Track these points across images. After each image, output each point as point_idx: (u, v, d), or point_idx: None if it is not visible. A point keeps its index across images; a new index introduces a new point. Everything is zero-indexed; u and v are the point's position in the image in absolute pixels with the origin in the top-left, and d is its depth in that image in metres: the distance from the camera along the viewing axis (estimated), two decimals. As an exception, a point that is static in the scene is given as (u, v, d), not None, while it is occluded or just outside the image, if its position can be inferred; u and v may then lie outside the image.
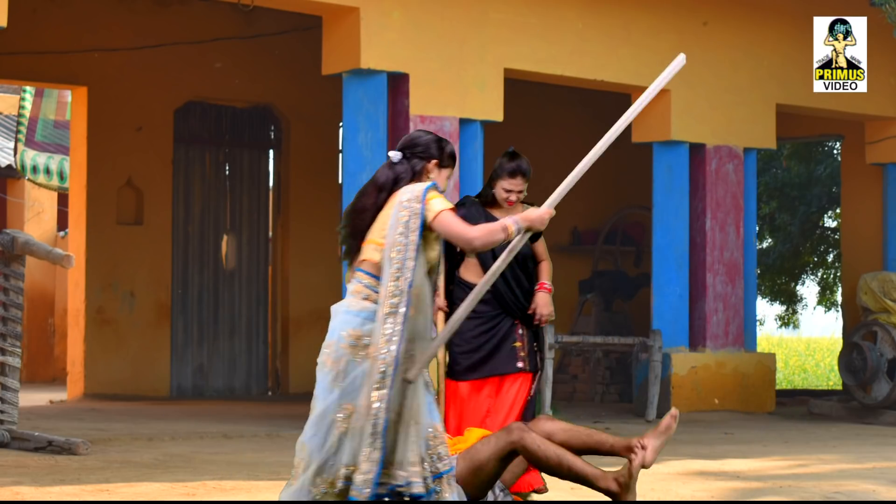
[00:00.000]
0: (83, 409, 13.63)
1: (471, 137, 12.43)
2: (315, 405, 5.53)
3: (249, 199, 16.41)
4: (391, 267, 5.43)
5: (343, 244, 5.68)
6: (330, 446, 5.44)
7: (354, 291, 5.57)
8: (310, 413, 5.57)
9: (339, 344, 5.50)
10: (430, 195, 5.51)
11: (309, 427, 5.51)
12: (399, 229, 5.44)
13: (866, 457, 10.19)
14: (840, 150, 18.95)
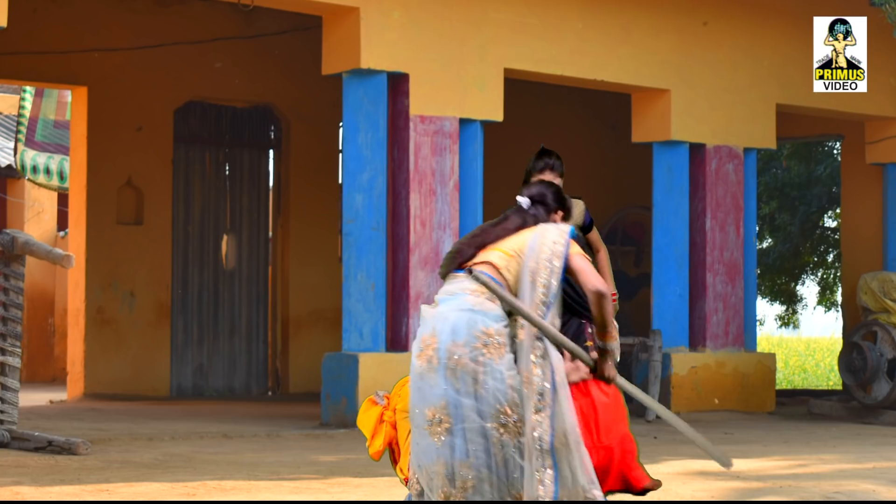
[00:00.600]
0: (83, 409, 13.63)
1: (471, 137, 12.43)
2: (430, 410, 5.19)
3: (249, 199, 16.41)
4: (536, 289, 5.30)
5: (452, 260, 5.49)
6: (497, 460, 5.14)
7: (474, 291, 5.30)
8: (412, 416, 5.27)
9: (474, 344, 5.17)
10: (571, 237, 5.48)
11: (441, 436, 5.18)
12: (545, 254, 5.36)
13: (866, 457, 10.19)
14: (840, 150, 18.95)
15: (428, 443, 5.15)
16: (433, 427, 5.16)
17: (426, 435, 5.15)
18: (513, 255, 5.38)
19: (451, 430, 5.13)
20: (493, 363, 5.18)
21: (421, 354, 5.23)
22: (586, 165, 18.01)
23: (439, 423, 5.16)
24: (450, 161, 12.19)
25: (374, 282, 11.74)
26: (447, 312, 5.26)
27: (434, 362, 5.20)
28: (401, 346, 11.99)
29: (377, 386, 11.40)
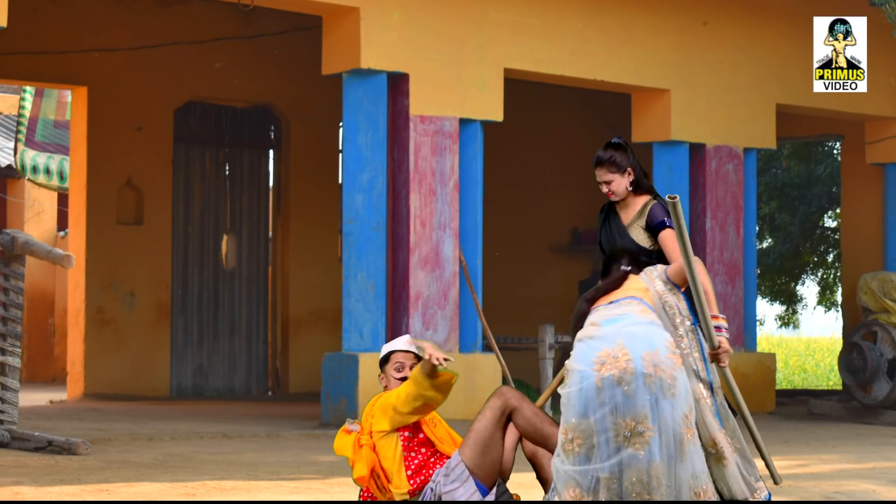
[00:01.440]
0: (83, 409, 13.63)
1: (471, 137, 12.43)
2: (629, 420, 5.33)
3: (249, 199, 16.41)
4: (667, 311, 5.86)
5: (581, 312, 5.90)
6: (685, 460, 5.44)
7: (642, 310, 5.69)
8: (578, 429, 5.38)
9: (666, 353, 5.44)
10: None
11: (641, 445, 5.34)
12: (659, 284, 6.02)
13: (866, 457, 10.19)
14: (840, 150, 18.95)
15: (628, 454, 5.26)
16: (633, 438, 5.28)
17: (621, 447, 5.26)
18: (644, 290, 5.79)
19: (651, 437, 5.28)
20: (681, 370, 5.48)
21: (603, 368, 5.34)
22: (586, 165, 17.92)
23: (640, 433, 5.30)
24: (450, 161, 12.19)
25: (374, 282, 11.74)
26: (629, 328, 5.49)
27: (629, 373, 5.33)
28: (401, 346, 11.98)
29: (377, 386, 11.39)
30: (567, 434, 5.37)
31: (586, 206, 17.92)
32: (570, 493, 5.35)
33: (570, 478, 5.35)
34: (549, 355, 12.83)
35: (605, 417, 5.30)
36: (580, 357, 5.45)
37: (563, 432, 5.38)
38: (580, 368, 5.39)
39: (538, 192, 17.71)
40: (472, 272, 12.37)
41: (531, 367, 13.46)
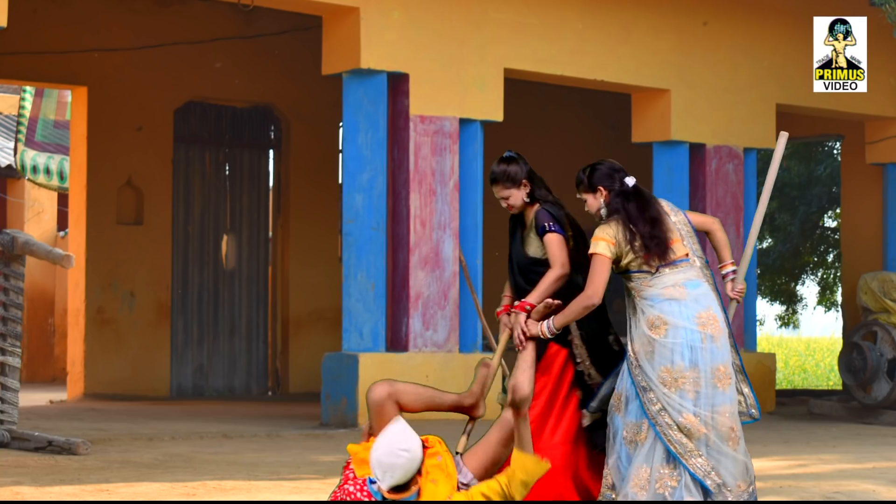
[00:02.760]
0: (83, 409, 13.63)
1: (471, 137, 12.43)
2: (722, 366, 6.13)
3: (249, 199, 16.41)
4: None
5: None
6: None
7: (705, 276, 6.39)
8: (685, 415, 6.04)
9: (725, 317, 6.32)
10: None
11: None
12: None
13: (866, 457, 10.19)
14: (840, 150, 18.95)
15: (720, 394, 6.09)
16: (723, 380, 6.08)
17: (715, 387, 6.06)
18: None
19: (731, 383, 6.14)
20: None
21: (706, 327, 6.08)
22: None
23: (728, 376, 6.13)
24: (450, 161, 12.19)
25: (374, 282, 11.74)
26: (710, 293, 6.24)
27: (721, 331, 6.11)
28: (401, 346, 11.99)
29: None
30: (672, 374, 6.02)
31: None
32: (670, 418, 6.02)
33: (691, 412, 6.01)
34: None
35: (709, 368, 6.04)
36: (680, 315, 6.09)
37: (668, 372, 6.01)
38: (684, 325, 6.06)
39: (538, 191, 17.68)
40: (472, 272, 12.37)
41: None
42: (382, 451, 5.37)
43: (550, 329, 6.22)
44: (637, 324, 6.20)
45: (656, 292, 6.15)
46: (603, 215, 6.32)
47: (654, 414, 5.96)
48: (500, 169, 6.45)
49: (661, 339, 6.04)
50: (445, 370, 11.95)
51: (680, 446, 5.94)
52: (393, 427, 5.46)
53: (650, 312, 6.14)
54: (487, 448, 5.88)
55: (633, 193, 6.29)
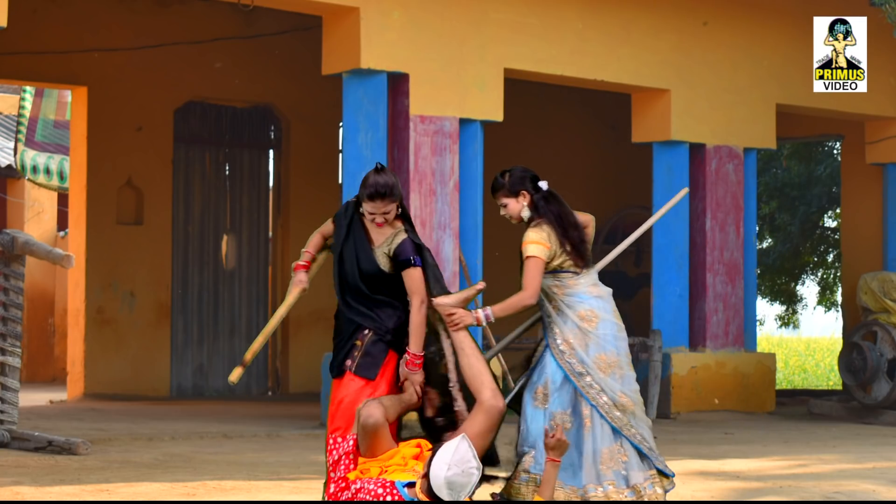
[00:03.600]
0: (83, 409, 13.63)
1: (471, 137, 12.43)
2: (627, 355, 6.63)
3: (249, 199, 16.41)
4: None
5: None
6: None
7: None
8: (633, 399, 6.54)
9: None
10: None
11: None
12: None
13: (866, 457, 10.19)
14: (840, 150, 18.95)
15: (632, 373, 6.60)
16: (631, 362, 6.60)
17: (630, 368, 6.58)
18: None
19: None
20: None
21: (618, 318, 6.62)
22: (586, 165, 18.02)
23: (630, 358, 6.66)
24: (450, 161, 12.19)
25: (374, 282, 11.72)
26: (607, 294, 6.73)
27: (621, 325, 6.64)
28: (401, 346, 11.97)
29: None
30: (606, 361, 6.48)
31: (586, 206, 17.84)
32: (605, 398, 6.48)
33: (623, 391, 6.49)
34: (549, 355, 12.81)
35: (624, 353, 6.58)
36: (605, 309, 6.56)
37: (602, 359, 6.47)
38: (610, 319, 6.54)
39: (538, 191, 17.68)
40: (472, 272, 12.37)
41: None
42: (455, 472, 5.55)
43: (488, 317, 6.42)
44: (564, 318, 6.53)
45: (584, 290, 6.56)
46: (525, 217, 6.62)
47: (594, 396, 6.43)
48: (389, 185, 6.28)
49: (594, 330, 6.49)
50: (445, 370, 11.94)
51: (619, 422, 6.42)
52: (458, 446, 5.62)
53: (580, 308, 6.53)
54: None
55: (552, 197, 6.64)
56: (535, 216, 6.58)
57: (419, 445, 6.04)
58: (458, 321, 6.30)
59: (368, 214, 6.31)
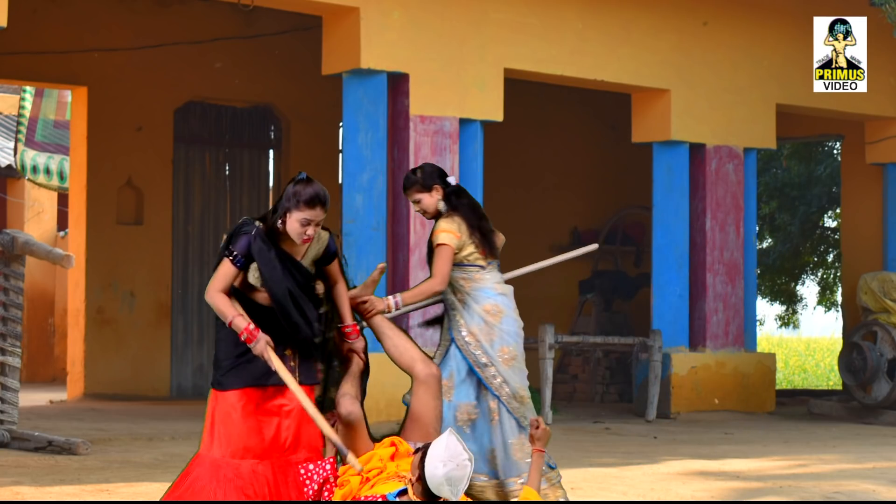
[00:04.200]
0: (83, 409, 13.63)
1: (471, 137, 12.43)
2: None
3: (249, 199, 16.41)
4: None
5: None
6: None
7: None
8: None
9: None
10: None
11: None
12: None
13: (866, 457, 10.19)
14: (840, 150, 18.95)
15: (525, 369, 6.80)
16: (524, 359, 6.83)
17: (525, 363, 6.81)
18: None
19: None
20: None
21: (518, 316, 6.79)
22: (586, 165, 18.01)
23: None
24: (450, 161, 12.19)
25: (374, 282, 11.72)
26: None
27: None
28: (401, 346, 11.97)
29: (377, 385, 11.36)
30: (509, 354, 6.68)
31: (586, 206, 17.94)
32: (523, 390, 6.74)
33: (521, 385, 6.72)
34: (549, 355, 12.83)
35: (521, 349, 6.80)
36: (508, 306, 6.74)
37: (506, 352, 6.67)
38: (513, 315, 6.73)
39: (538, 192, 17.71)
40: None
41: (531, 367, 13.40)
42: (451, 468, 5.56)
43: (398, 304, 6.60)
44: (470, 311, 6.65)
45: (489, 285, 6.70)
46: (441, 210, 6.69)
47: (497, 387, 6.62)
48: (325, 195, 6.12)
49: (499, 324, 6.66)
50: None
51: (519, 412, 6.61)
52: (447, 441, 5.62)
53: (486, 302, 6.67)
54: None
55: (461, 191, 6.76)
56: (448, 209, 6.69)
57: (393, 444, 6.07)
58: (371, 308, 6.45)
59: (301, 225, 5.95)
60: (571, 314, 17.20)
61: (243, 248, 5.91)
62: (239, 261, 5.91)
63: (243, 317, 5.87)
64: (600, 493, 7.77)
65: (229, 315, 5.85)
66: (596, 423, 13.02)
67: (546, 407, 12.65)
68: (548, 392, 12.73)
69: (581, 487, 7.89)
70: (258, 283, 5.98)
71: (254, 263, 5.95)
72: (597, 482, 8.20)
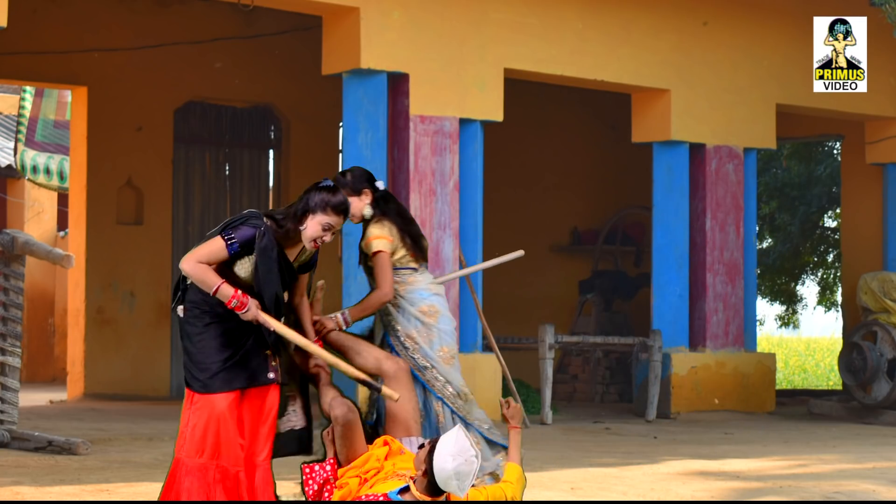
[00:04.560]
0: (83, 409, 13.63)
1: (471, 137, 12.43)
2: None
3: (249, 199, 16.40)
4: None
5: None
6: None
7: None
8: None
9: None
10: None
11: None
12: None
13: (866, 457, 10.19)
14: (840, 150, 18.95)
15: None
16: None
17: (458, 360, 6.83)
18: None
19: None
20: None
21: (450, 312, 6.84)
22: (586, 165, 18.01)
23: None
24: (450, 161, 12.19)
25: (374, 282, 11.73)
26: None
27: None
28: (401, 346, 11.97)
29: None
30: (448, 353, 6.70)
31: (586, 206, 17.94)
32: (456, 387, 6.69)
33: (462, 382, 6.70)
34: (549, 355, 12.83)
35: (456, 347, 6.85)
36: (444, 306, 6.80)
37: (445, 352, 6.69)
38: (448, 315, 6.79)
39: (538, 192, 17.71)
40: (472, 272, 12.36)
41: (531, 367, 13.46)
42: (460, 462, 5.62)
43: (346, 320, 6.66)
44: (406, 315, 6.67)
45: (424, 287, 6.74)
46: (367, 215, 6.73)
47: (440, 388, 6.62)
48: (343, 201, 6.08)
49: (437, 325, 6.69)
50: (445, 370, 11.94)
51: (464, 410, 6.62)
52: (457, 436, 5.68)
53: (422, 303, 6.70)
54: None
55: (389, 195, 6.80)
56: (377, 213, 6.71)
57: (386, 443, 6.11)
58: (322, 328, 6.53)
59: (323, 229, 6.04)
60: (571, 314, 17.19)
61: (245, 238, 5.84)
62: (234, 248, 5.83)
63: (227, 284, 5.78)
64: (600, 493, 7.77)
65: (214, 283, 5.76)
66: (596, 423, 13.02)
67: (546, 407, 12.65)
68: (548, 392, 12.72)
69: (581, 487, 7.89)
70: (247, 277, 5.90)
71: (246, 257, 5.87)
72: (597, 482, 8.20)
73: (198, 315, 5.89)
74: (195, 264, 5.78)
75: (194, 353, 5.90)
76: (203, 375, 5.87)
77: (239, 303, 5.78)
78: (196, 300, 5.91)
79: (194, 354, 5.90)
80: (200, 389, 5.88)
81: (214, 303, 5.86)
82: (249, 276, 5.90)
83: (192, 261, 5.79)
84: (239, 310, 5.79)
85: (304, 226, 6.01)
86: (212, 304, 5.88)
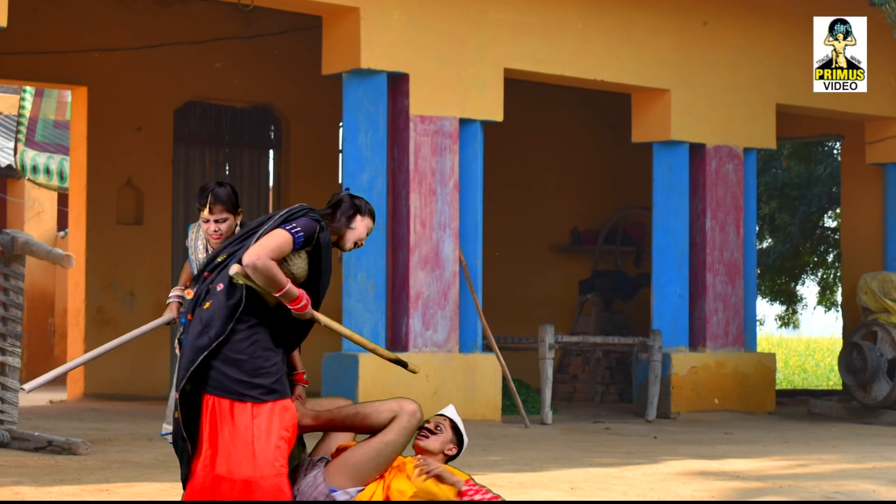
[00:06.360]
0: (83, 409, 13.63)
1: (471, 137, 12.43)
2: None
3: (249, 199, 16.40)
4: None
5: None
6: None
7: None
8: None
9: None
10: None
11: None
12: None
13: (866, 457, 10.19)
14: (840, 150, 18.95)
15: None
16: None
17: None
18: None
19: None
20: None
21: None
22: (586, 165, 18.01)
23: None
24: (450, 161, 12.19)
25: (374, 282, 11.74)
26: None
27: None
28: (401, 346, 11.99)
29: (377, 386, 11.40)
30: None
31: (586, 206, 17.94)
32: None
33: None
34: (549, 355, 12.83)
35: None
36: None
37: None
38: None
39: (538, 192, 17.72)
40: (472, 272, 12.37)
41: (531, 367, 13.46)
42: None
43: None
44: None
45: None
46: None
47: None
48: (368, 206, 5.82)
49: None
50: (445, 370, 11.95)
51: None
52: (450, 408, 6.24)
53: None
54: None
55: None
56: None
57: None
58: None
59: (367, 233, 5.82)
60: (571, 314, 17.19)
61: (310, 230, 5.50)
62: (300, 240, 5.48)
63: (293, 283, 5.46)
64: (600, 493, 7.76)
65: (285, 283, 5.40)
66: (596, 423, 13.02)
67: (546, 407, 12.65)
68: (548, 392, 12.72)
69: (581, 487, 7.89)
70: (300, 274, 5.57)
71: (298, 251, 5.54)
72: (597, 482, 8.20)
73: (240, 319, 5.53)
74: (268, 261, 5.37)
75: (244, 360, 5.47)
76: (266, 380, 5.48)
77: (305, 303, 5.47)
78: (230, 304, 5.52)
79: (245, 362, 5.47)
80: (264, 396, 5.47)
81: (252, 305, 5.51)
82: (303, 270, 5.57)
83: (265, 256, 5.37)
84: (301, 310, 5.49)
85: (354, 225, 5.72)
86: (248, 307, 5.51)
